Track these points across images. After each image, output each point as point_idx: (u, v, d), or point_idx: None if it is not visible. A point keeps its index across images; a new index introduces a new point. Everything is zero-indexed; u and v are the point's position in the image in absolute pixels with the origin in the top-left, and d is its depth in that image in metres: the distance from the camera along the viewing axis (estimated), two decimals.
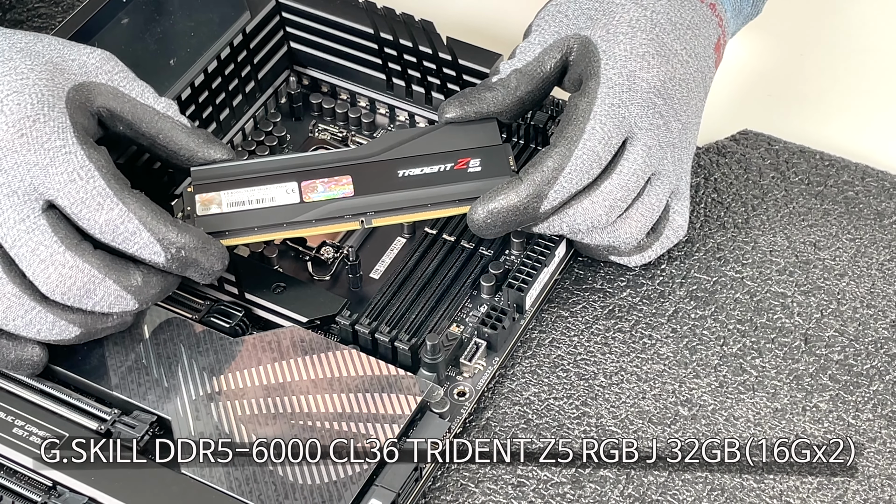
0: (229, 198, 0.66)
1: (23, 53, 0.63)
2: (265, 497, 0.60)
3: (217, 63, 0.72)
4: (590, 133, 0.64)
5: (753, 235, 0.71)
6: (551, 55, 0.67)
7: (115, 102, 0.64)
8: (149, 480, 0.60)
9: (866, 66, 0.81)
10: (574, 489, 0.63)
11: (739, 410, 0.65)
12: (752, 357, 0.67)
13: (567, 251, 0.70)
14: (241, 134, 0.75)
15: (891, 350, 0.67)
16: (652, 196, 0.67)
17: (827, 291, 0.69)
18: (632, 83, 0.65)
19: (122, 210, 0.61)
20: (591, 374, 0.66)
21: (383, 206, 0.66)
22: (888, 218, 0.72)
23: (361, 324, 0.65)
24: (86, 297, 0.61)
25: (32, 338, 0.62)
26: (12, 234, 0.60)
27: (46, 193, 0.61)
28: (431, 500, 0.62)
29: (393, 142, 0.67)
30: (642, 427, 0.64)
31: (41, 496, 0.61)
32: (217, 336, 0.65)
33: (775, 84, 0.80)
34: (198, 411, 0.62)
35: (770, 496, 0.62)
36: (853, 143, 0.76)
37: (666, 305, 0.69)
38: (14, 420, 0.62)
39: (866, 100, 0.79)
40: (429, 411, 0.63)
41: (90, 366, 0.64)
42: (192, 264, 0.62)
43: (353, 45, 0.75)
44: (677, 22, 0.67)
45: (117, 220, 0.61)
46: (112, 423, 0.62)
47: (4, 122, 0.61)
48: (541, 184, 0.64)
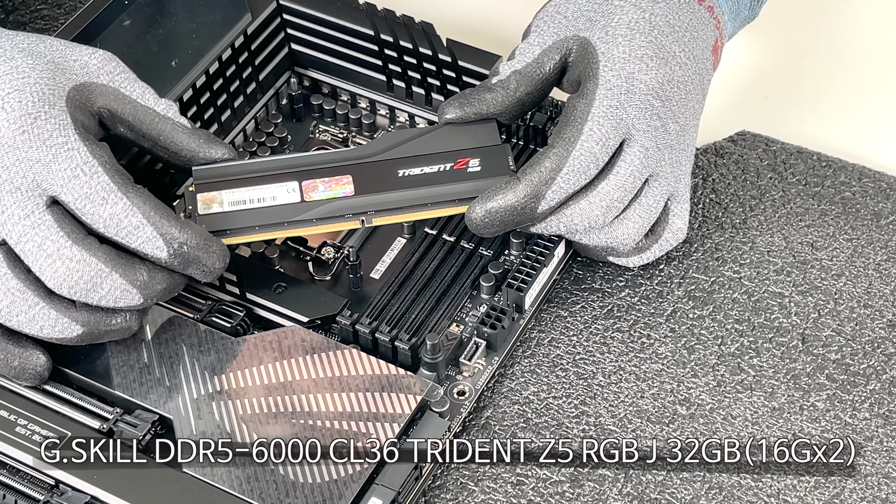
0: (230, 197, 0.66)
1: (25, 53, 0.63)
2: (266, 495, 0.60)
3: (219, 64, 0.72)
4: (587, 134, 0.64)
5: (751, 236, 0.71)
6: (550, 56, 0.67)
7: (116, 104, 0.65)
8: (151, 479, 0.60)
9: (863, 67, 0.81)
10: (573, 488, 0.63)
11: (737, 409, 0.65)
12: (750, 356, 0.67)
13: (566, 251, 0.70)
14: (243, 135, 0.75)
15: (887, 350, 0.67)
16: (649, 198, 0.67)
17: (824, 291, 0.69)
18: (630, 85, 0.65)
19: (127, 204, 0.61)
20: (590, 374, 0.66)
21: (383, 205, 0.66)
22: (885, 218, 0.72)
23: (362, 323, 0.66)
24: (92, 290, 0.61)
25: (35, 335, 0.62)
26: (17, 229, 0.61)
27: (50, 189, 0.61)
28: (431, 499, 0.63)
29: (393, 142, 0.68)
30: (641, 426, 0.65)
31: (44, 495, 0.61)
32: (218, 336, 0.65)
33: (773, 85, 0.80)
34: (199, 410, 0.62)
35: (767, 494, 0.62)
36: (850, 144, 0.76)
37: (664, 305, 0.69)
38: (17, 419, 0.62)
39: (863, 101, 0.79)
40: (429, 410, 0.63)
41: (93, 365, 0.64)
42: (194, 261, 0.62)
43: (353, 46, 0.75)
44: (675, 24, 0.67)
45: (121, 214, 0.61)
46: (114, 422, 0.62)
47: (6, 119, 0.61)
48: (538, 184, 0.64)
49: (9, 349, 0.62)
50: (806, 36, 0.83)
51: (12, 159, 0.61)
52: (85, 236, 0.61)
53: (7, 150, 0.61)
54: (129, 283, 0.61)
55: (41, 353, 0.63)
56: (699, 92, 0.68)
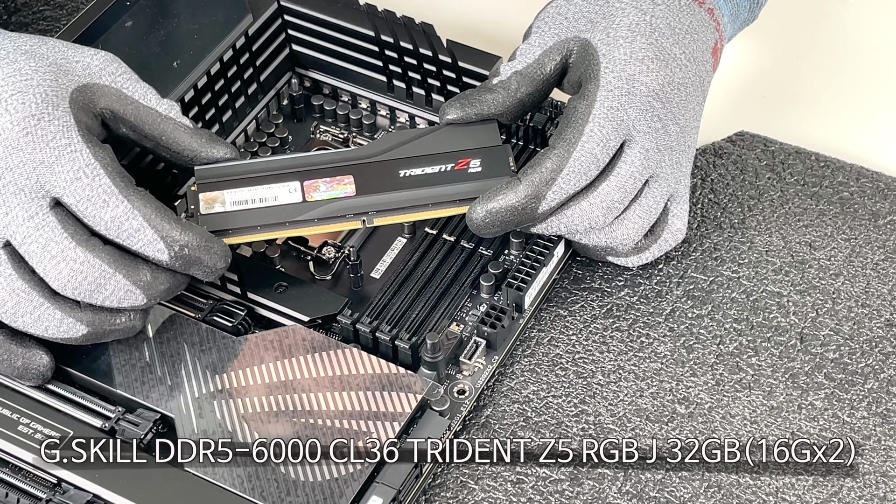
0: (232, 197, 0.66)
1: (27, 55, 0.63)
2: (267, 494, 0.60)
3: (220, 65, 0.72)
4: (588, 135, 0.65)
5: (750, 235, 0.72)
6: (551, 57, 0.67)
7: (118, 104, 0.65)
8: (152, 477, 0.60)
9: (861, 68, 0.81)
10: (572, 486, 0.63)
11: (736, 408, 0.65)
12: (749, 356, 0.67)
13: (565, 251, 0.70)
14: (244, 135, 0.75)
15: (885, 349, 0.67)
16: (649, 198, 0.67)
17: (822, 291, 0.69)
18: (631, 87, 0.65)
19: (127, 207, 0.61)
20: (590, 373, 0.67)
21: (385, 205, 0.66)
22: (883, 218, 0.72)
23: (362, 323, 0.66)
24: (96, 291, 0.61)
25: (40, 335, 0.62)
26: (22, 231, 0.61)
27: (53, 191, 0.61)
28: (432, 497, 0.63)
29: (394, 142, 0.68)
30: (640, 425, 0.65)
31: (46, 493, 0.61)
32: (220, 335, 0.65)
33: (771, 86, 0.80)
34: (201, 409, 0.62)
35: (766, 493, 0.62)
36: (848, 145, 0.76)
37: (663, 305, 0.69)
38: (19, 418, 0.62)
39: (861, 101, 0.79)
40: (429, 409, 0.63)
41: (95, 364, 0.64)
42: (196, 262, 0.62)
43: (354, 47, 0.75)
44: (676, 26, 0.67)
45: (122, 217, 0.61)
46: (116, 421, 0.62)
47: (9, 121, 0.61)
48: (539, 185, 0.64)
49: (12, 349, 0.63)
50: (804, 38, 0.83)
51: (16, 161, 0.61)
52: (88, 237, 0.61)
53: (11, 152, 0.61)
54: (132, 284, 0.62)
55: (44, 352, 0.63)
56: (699, 94, 0.68)
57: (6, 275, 0.61)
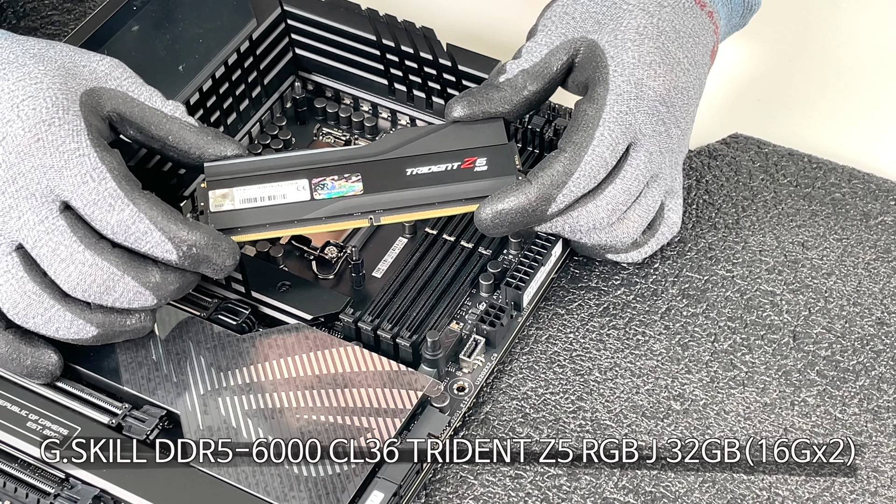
0: (242, 194, 0.65)
1: (36, 59, 0.63)
2: (271, 489, 0.60)
3: (224, 69, 0.73)
4: (599, 139, 0.64)
5: (744, 235, 0.72)
6: (558, 56, 0.67)
7: (125, 107, 0.65)
8: (158, 472, 0.61)
9: (853, 71, 0.81)
10: (570, 481, 0.63)
11: (730, 405, 0.65)
12: (743, 353, 0.67)
13: (563, 251, 0.70)
14: (248, 138, 0.75)
15: (876, 346, 0.67)
16: (649, 198, 0.67)
17: (815, 290, 0.70)
18: (639, 91, 0.65)
19: (133, 210, 0.61)
20: (587, 370, 0.67)
21: (391, 204, 0.65)
22: (874, 219, 0.72)
23: (364, 321, 0.66)
24: (106, 293, 0.61)
25: (51, 336, 0.62)
26: (33, 234, 0.61)
27: (62, 195, 0.61)
28: (432, 492, 0.63)
29: (401, 140, 0.67)
30: (636, 421, 0.65)
31: (54, 488, 0.61)
32: (224, 333, 0.65)
33: (765, 89, 0.80)
34: (206, 405, 0.63)
35: (760, 488, 0.63)
36: (840, 146, 0.76)
37: (659, 303, 0.69)
38: (28, 414, 0.62)
39: (853, 104, 0.79)
40: (429, 406, 0.64)
41: (102, 362, 0.64)
42: (204, 261, 0.62)
43: (356, 51, 0.75)
44: (680, 30, 0.67)
45: (129, 221, 0.61)
46: (123, 418, 0.63)
47: (21, 126, 0.61)
48: (550, 187, 0.64)
49: (21, 348, 0.63)
50: (797, 41, 0.83)
51: (28, 166, 0.61)
52: (97, 240, 0.61)
53: (23, 157, 0.61)
54: (141, 285, 0.62)
55: (53, 351, 0.63)
56: (698, 96, 0.68)
57: (18, 277, 0.61)
